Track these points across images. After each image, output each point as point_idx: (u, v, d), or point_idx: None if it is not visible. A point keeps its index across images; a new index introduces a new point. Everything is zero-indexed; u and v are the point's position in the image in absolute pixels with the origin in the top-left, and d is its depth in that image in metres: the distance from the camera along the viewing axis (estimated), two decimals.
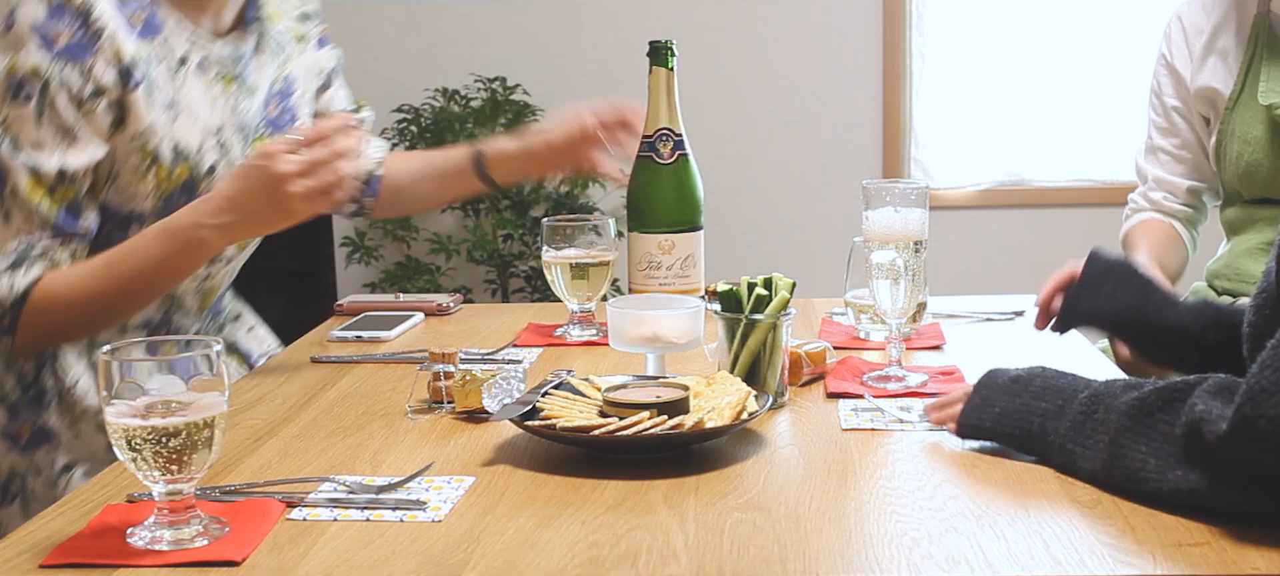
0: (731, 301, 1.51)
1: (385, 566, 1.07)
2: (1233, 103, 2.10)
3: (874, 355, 1.72)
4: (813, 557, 1.07)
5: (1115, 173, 4.02)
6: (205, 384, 1.11)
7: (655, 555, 1.08)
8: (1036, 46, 4.06)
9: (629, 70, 2.96)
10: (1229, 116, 2.10)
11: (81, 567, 1.08)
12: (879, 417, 1.45)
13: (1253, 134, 2.06)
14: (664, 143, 1.83)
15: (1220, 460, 1.08)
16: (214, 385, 1.11)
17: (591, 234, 1.87)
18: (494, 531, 1.14)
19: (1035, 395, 1.27)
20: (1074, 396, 1.24)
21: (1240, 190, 2.12)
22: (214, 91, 1.75)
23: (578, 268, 1.86)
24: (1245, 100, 2.08)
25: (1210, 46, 2.16)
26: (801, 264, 3.96)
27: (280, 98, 1.87)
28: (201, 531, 1.12)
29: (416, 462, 1.32)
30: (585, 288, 1.87)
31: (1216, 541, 1.07)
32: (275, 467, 1.33)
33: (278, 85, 1.87)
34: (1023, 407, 1.28)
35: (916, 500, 1.20)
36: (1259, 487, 1.07)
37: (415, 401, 1.55)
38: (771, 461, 1.32)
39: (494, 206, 3.96)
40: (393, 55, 4.16)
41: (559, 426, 1.33)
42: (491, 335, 1.94)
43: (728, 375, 1.46)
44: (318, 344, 1.91)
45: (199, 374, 1.11)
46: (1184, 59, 2.19)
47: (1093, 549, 1.07)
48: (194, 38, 1.73)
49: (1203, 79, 2.16)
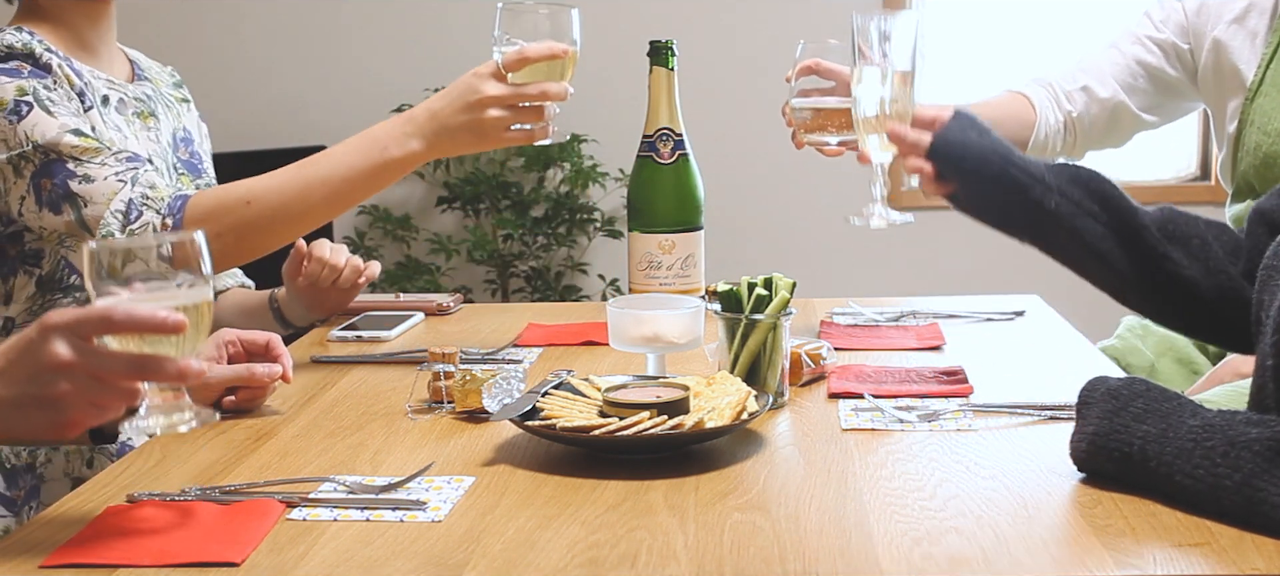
0: (731, 301, 1.51)
1: (385, 566, 1.07)
2: (1253, 92, 2.07)
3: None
4: (813, 557, 1.07)
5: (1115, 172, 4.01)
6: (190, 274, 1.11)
7: (655, 555, 1.08)
8: (1036, 47, 4.06)
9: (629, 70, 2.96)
10: (1249, 106, 2.07)
11: (81, 568, 1.08)
12: (879, 417, 1.45)
13: (1273, 126, 2.03)
14: (664, 143, 1.83)
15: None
16: (199, 278, 1.11)
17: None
18: (494, 531, 1.14)
19: (1135, 417, 1.20)
20: (1181, 422, 1.17)
21: (1254, 183, 2.09)
22: (135, 126, 1.84)
23: None
24: (1266, 90, 2.05)
25: (1243, 18, 2.10)
26: (801, 264, 3.96)
27: (185, 143, 1.95)
28: (193, 416, 1.12)
29: (416, 462, 1.32)
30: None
31: (1216, 541, 1.07)
32: (275, 467, 1.33)
33: (179, 132, 1.95)
34: (1122, 428, 1.20)
35: (916, 500, 1.19)
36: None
37: (415, 401, 1.55)
38: (771, 461, 1.32)
39: (494, 206, 3.97)
40: (393, 55, 4.17)
41: (559, 426, 1.33)
42: (491, 335, 1.94)
43: (728, 375, 1.46)
44: (318, 344, 1.91)
45: (185, 266, 1.11)
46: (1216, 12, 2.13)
47: (1093, 549, 1.07)
48: (110, 82, 1.83)
49: (1231, 51, 2.10)
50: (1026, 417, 1.44)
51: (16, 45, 1.71)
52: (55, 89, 1.71)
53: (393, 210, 4.14)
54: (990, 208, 1.51)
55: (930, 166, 1.52)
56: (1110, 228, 1.46)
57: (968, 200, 1.52)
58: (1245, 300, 1.42)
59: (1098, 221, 1.46)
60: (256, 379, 1.51)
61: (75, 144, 1.67)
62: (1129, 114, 2.20)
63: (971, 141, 1.50)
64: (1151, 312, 1.52)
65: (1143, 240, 1.45)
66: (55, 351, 1.06)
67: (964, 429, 1.41)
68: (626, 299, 1.65)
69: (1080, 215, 1.45)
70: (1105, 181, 1.49)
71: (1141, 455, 1.18)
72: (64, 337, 1.06)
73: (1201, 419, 1.15)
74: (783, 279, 1.51)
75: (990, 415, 1.45)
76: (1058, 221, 1.45)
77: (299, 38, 4.25)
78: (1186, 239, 1.46)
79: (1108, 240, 1.46)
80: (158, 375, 1.08)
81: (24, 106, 1.67)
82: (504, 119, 1.63)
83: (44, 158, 1.66)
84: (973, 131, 1.51)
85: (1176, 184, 4.11)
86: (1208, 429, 1.14)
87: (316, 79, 4.23)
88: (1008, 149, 1.50)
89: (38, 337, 1.07)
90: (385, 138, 1.67)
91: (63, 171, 1.66)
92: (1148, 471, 1.17)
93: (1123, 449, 1.19)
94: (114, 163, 1.68)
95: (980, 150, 1.49)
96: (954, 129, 1.51)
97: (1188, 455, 1.14)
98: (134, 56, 1.96)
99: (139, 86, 1.89)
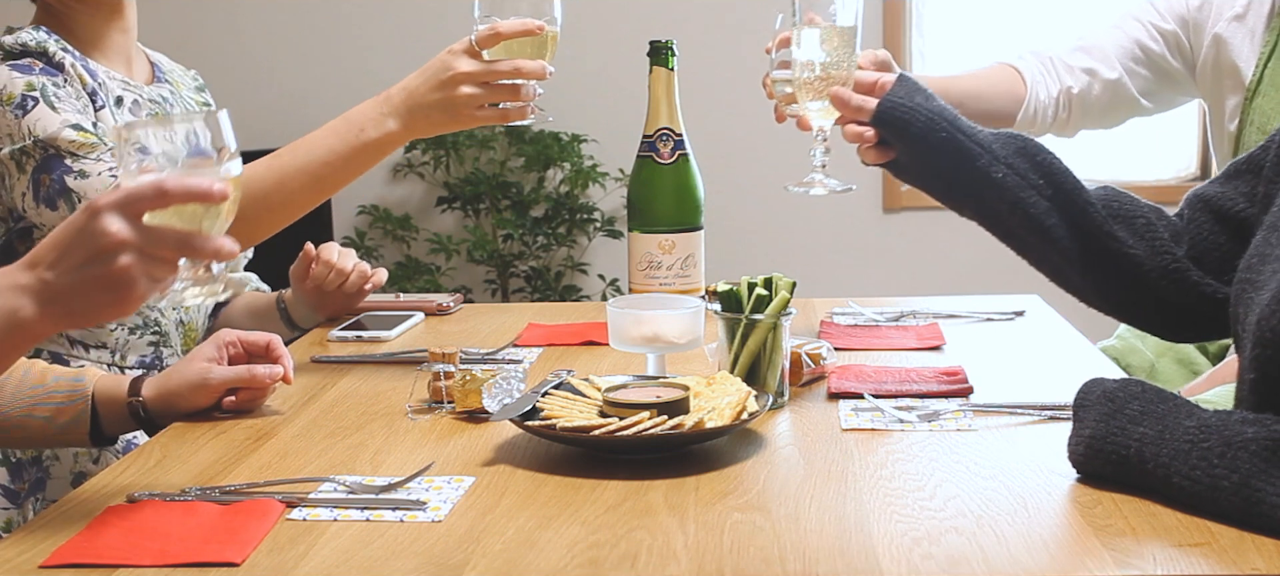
0: (731, 301, 1.51)
1: (385, 566, 1.07)
2: (1252, 91, 2.05)
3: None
4: (813, 557, 1.07)
5: (1115, 172, 4.02)
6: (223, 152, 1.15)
7: (655, 555, 1.08)
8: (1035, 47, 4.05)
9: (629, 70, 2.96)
10: (1248, 105, 2.05)
11: (81, 568, 1.08)
12: (879, 417, 1.45)
13: (1272, 126, 2.02)
14: (664, 142, 1.83)
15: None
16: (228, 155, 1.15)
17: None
18: (494, 531, 1.14)
19: (1132, 419, 1.19)
20: (1177, 423, 1.16)
21: None
22: None
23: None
24: (1264, 90, 2.03)
25: (1244, 15, 2.08)
26: (801, 264, 3.96)
27: None
28: (224, 288, 1.18)
29: (416, 462, 1.32)
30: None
31: (1216, 541, 1.07)
32: (275, 467, 1.33)
33: None
34: (1118, 431, 1.19)
35: (916, 500, 1.19)
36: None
37: (415, 401, 1.55)
38: (771, 461, 1.32)
39: (494, 206, 3.97)
40: (392, 55, 4.16)
41: (559, 426, 1.33)
42: (491, 335, 1.94)
43: (728, 375, 1.46)
44: (318, 344, 1.91)
45: (221, 143, 1.14)
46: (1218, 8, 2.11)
47: (1093, 549, 1.07)
48: (125, 83, 1.83)
49: (1231, 48, 2.08)
50: (1026, 417, 1.44)
51: (31, 43, 1.73)
52: (64, 87, 1.72)
53: (393, 210, 4.14)
54: (934, 175, 1.49)
55: (873, 132, 1.50)
56: (1055, 203, 1.44)
57: (911, 167, 1.50)
58: (1191, 282, 1.41)
59: (1042, 195, 1.44)
60: (257, 380, 1.51)
61: (73, 139, 1.68)
62: (1128, 96, 2.18)
63: (918, 105, 1.47)
64: (1090, 293, 1.50)
65: (1088, 217, 1.43)
66: (112, 230, 1.08)
67: (964, 429, 1.41)
68: (626, 299, 1.65)
69: (1025, 188, 1.44)
70: (1052, 155, 1.47)
71: (1139, 457, 1.17)
72: (117, 215, 1.08)
73: (1198, 419, 1.15)
74: (783, 279, 1.51)
75: (990, 415, 1.45)
76: (1002, 192, 1.43)
77: (300, 37, 4.25)
78: (1131, 218, 1.45)
79: (1052, 215, 1.44)
80: (201, 250, 1.12)
81: (30, 101, 1.68)
82: (477, 96, 1.61)
83: (44, 152, 1.67)
84: (919, 96, 1.48)
85: (1177, 183, 4.10)
86: (1204, 430, 1.13)
87: (317, 78, 4.23)
88: (954, 115, 1.47)
89: (88, 220, 1.09)
90: (361, 119, 1.66)
91: (60, 167, 1.67)
92: (1145, 473, 1.17)
93: (1120, 451, 1.19)
94: (110, 159, 1.69)
95: (927, 115, 1.46)
96: (899, 93, 1.49)
97: (1185, 457, 1.13)
98: (156, 59, 1.96)
99: (157, 88, 1.90)
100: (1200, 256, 1.43)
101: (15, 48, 1.73)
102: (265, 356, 1.54)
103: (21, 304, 1.11)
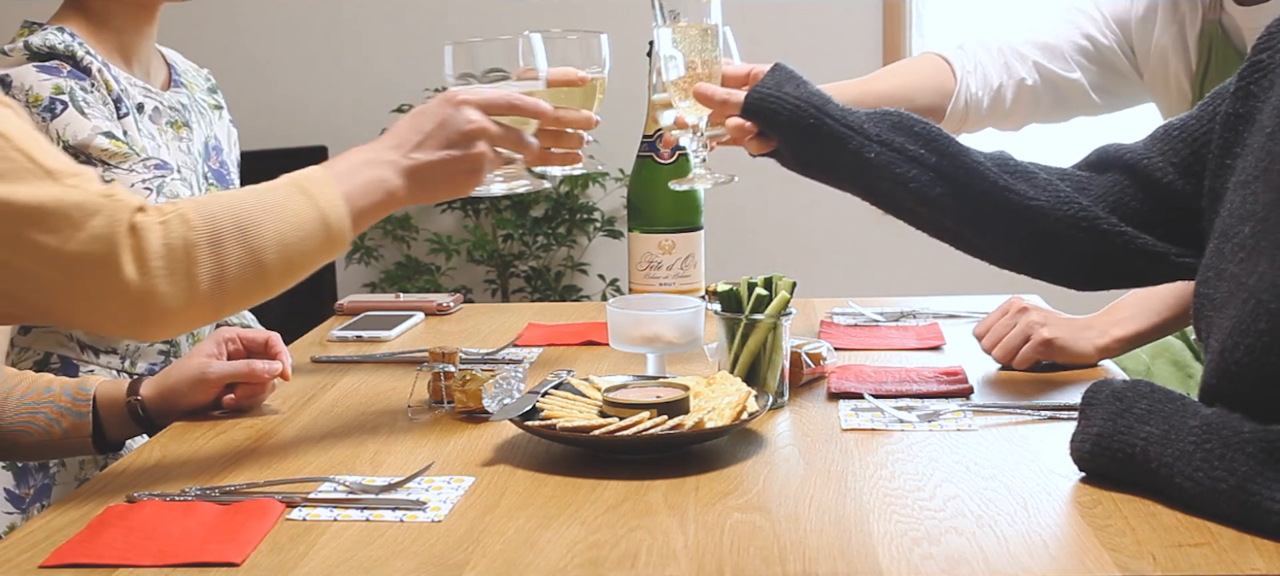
0: (731, 301, 1.51)
1: (385, 566, 1.07)
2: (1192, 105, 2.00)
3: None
4: (813, 558, 1.07)
5: None
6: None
7: (655, 555, 1.08)
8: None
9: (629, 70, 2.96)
10: None
11: (81, 568, 1.08)
12: (879, 417, 1.45)
13: None
14: (664, 143, 1.83)
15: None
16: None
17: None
18: (494, 531, 1.14)
19: (1139, 418, 1.19)
20: (1182, 423, 1.15)
21: None
22: (168, 135, 1.84)
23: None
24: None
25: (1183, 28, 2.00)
26: (801, 264, 3.96)
27: (215, 152, 1.94)
28: (527, 182, 1.43)
29: (416, 462, 1.32)
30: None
31: (1216, 541, 1.07)
32: (275, 468, 1.33)
33: (211, 141, 1.94)
34: (1125, 429, 1.19)
35: (916, 500, 1.19)
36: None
37: (415, 401, 1.55)
38: (771, 461, 1.32)
39: (494, 206, 3.97)
40: (393, 55, 4.16)
41: (559, 426, 1.33)
42: (491, 335, 1.94)
43: (728, 375, 1.46)
44: (318, 344, 1.91)
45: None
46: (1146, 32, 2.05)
47: (1093, 549, 1.07)
48: (146, 89, 1.83)
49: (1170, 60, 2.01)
50: (1026, 417, 1.44)
51: (58, 46, 1.72)
52: (92, 92, 1.71)
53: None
54: (812, 162, 1.49)
55: (748, 124, 1.49)
56: (939, 170, 1.43)
57: (790, 156, 1.50)
58: (1102, 231, 1.41)
59: (925, 166, 1.43)
60: (257, 375, 1.51)
61: (105, 147, 1.68)
62: (1079, 91, 2.10)
63: (786, 95, 1.46)
64: (994, 252, 1.50)
65: (979, 176, 1.43)
66: (475, 119, 1.34)
67: (964, 429, 1.41)
68: (626, 299, 1.65)
69: (902, 161, 1.43)
70: (929, 124, 1.46)
71: (1144, 456, 1.17)
72: (477, 109, 1.35)
73: (1201, 418, 1.15)
74: (783, 279, 1.51)
75: (990, 415, 1.45)
76: (879, 171, 1.43)
77: (300, 38, 4.25)
78: (1030, 175, 1.45)
79: (938, 184, 1.43)
80: (523, 150, 1.40)
81: (58, 105, 1.68)
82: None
83: (75, 159, 1.66)
84: (789, 85, 1.47)
85: None
86: (1206, 429, 1.13)
87: (317, 79, 4.23)
88: (824, 100, 1.46)
89: (453, 110, 1.34)
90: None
91: None
92: (1149, 472, 1.17)
93: (1125, 449, 1.19)
94: (142, 170, 1.69)
95: (794, 104, 1.45)
96: (768, 83, 1.48)
97: (1188, 458, 1.13)
98: (172, 59, 1.95)
99: (175, 94, 1.89)
100: (1115, 209, 1.42)
101: (42, 49, 1.71)
102: (264, 353, 1.55)
103: (390, 176, 1.32)
